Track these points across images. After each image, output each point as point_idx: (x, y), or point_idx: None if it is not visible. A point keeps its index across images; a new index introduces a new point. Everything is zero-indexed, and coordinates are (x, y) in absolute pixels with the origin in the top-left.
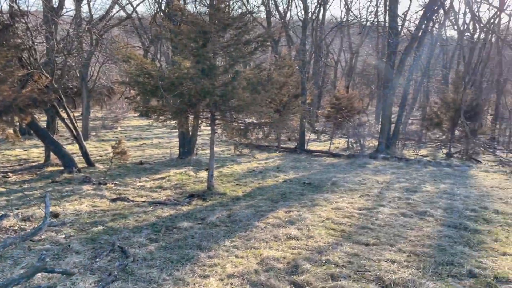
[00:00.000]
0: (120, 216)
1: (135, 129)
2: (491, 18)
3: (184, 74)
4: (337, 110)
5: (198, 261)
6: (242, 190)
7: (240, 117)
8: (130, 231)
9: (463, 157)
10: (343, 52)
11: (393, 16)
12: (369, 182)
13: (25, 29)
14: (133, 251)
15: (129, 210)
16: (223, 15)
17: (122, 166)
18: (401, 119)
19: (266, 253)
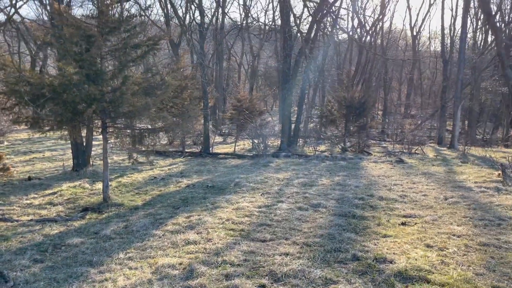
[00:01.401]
0: (1, 238)
1: (24, 142)
2: (374, 23)
3: (67, 80)
4: (239, 112)
5: (87, 278)
6: (141, 199)
7: (135, 123)
8: (12, 254)
9: (356, 150)
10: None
11: (286, 20)
12: (271, 180)
13: None
14: (14, 275)
15: (12, 231)
16: (108, 18)
17: (7, 184)
18: (300, 118)
19: (162, 261)
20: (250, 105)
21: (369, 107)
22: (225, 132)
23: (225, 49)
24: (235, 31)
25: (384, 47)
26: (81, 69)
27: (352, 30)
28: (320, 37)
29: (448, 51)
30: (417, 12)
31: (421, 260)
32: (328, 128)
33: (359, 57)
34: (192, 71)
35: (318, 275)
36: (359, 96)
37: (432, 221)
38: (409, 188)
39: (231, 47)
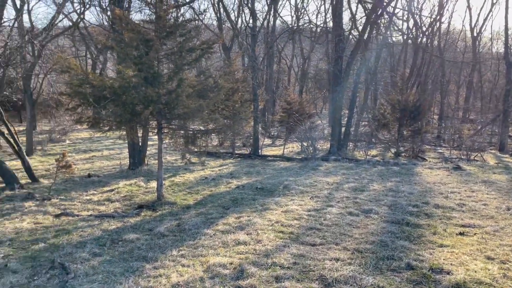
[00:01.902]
0: (63, 232)
1: (85, 141)
2: (431, 23)
3: (127, 82)
4: (289, 115)
5: (143, 272)
6: (193, 199)
7: (188, 124)
8: (73, 247)
9: (410, 156)
10: (295, 57)
11: (338, 22)
12: (320, 184)
13: None
14: (74, 267)
15: (73, 225)
16: (165, 23)
17: (69, 180)
18: (351, 122)
19: (213, 260)
20: (299, 107)
21: (424, 111)
22: (274, 135)
23: (276, 52)
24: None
25: (441, 48)
26: (140, 72)
27: (408, 31)
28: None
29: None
30: (478, 12)
31: (481, 273)
32: (380, 132)
33: (414, 58)
34: (243, 74)
35: (370, 282)
36: (413, 99)
37: (493, 232)
38: (467, 196)
39: (282, 49)
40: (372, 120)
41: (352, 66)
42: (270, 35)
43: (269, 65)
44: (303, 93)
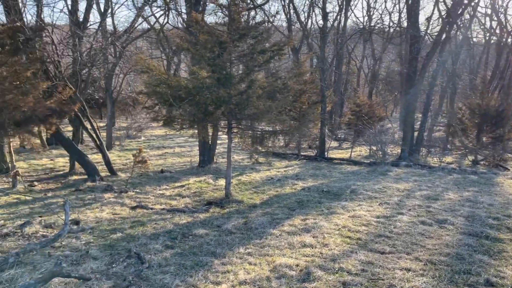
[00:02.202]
0: (138, 223)
1: (158, 138)
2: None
3: (201, 83)
4: (358, 117)
5: (212, 267)
6: (259, 198)
7: (256, 125)
8: (147, 238)
9: (490, 164)
10: (365, 58)
11: (414, 21)
12: (390, 190)
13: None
14: (149, 258)
15: (148, 218)
16: (238, 25)
17: (143, 175)
18: (425, 126)
19: (279, 260)
20: (369, 110)
21: (507, 117)
22: (341, 137)
23: (345, 53)
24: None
25: None
26: (213, 73)
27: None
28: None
29: None
30: None
31: None
32: (457, 138)
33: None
34: (311, 75)
35: None
36: (495, 103)
37: None
38: None
39: (352, 50)
40: (449, 125)
41: (428, 68)
42: (340, 36)
43: (338, 66)
44: (373, 95)
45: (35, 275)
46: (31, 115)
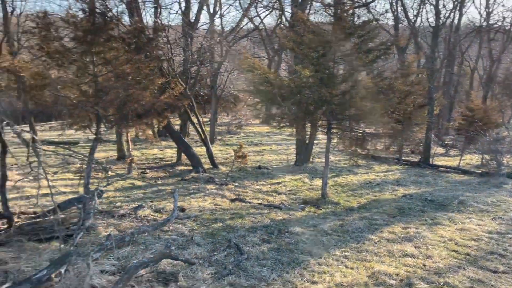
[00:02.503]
0: (237, 216)
1: (257, 135)
2: None
3: (303, 82)
4: (470, 123)
5: (307, 266)
6: (356, 202)
7: (357, 126)
8: (245, 230)
9: None
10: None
11: None
12: (505, 204)
13: (165, 42)
14: (247, 249)
15: (246, 211)
16: (345, 24)
17: (242, 169)
18: None
19: (378, 267)
20: (484, 115)
21: None
22: (448, 143)
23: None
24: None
25: None
26: (317, 72)
27: None
28: None
29: None
30: None
31: None
32: None
33: None
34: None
35: None
36: None
37: None
38: None
39: (465, 50)
40: None
41: None
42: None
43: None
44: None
45: (147, 254)
46: (150, 109)
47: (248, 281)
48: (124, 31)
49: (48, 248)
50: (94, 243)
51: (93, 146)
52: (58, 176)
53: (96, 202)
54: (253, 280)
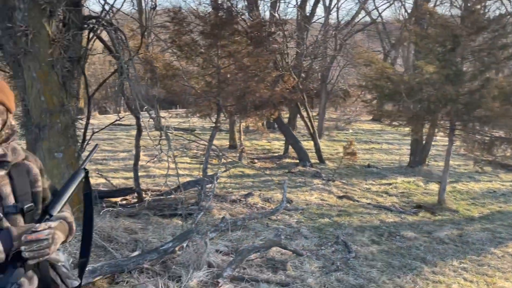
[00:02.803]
0: (345, 213)
1: (366, 132)
2: None
3: (426, 79)
4: None
5: (421, 273)
6: (478, 211)
7: (484, 129)
8: (353, 229)
9: None
10: None
11: None
12: None
13: (282, 35)
14: (355, 248)
15: (353, 209)
16: (477, 17)
17: (350, 167)
18: None
19: (501, 283)
20: None
21: None
22: None
23: None
24: None
25: None
26: (442, 68)
27: None
28: None
29: None
30: None
31: None
32: None
33: None
34: None
35: None
36: None
37: None
38: None
39: None
40: None
41: None
42: None
43: None
44: None
45: (257, 240)
46: (268, 101)
47: (357, 280)
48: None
49: (171, 224)
50: (209, 223)
51: (212, 133)
52: (178, 159)
53: (215, 186)
54: (361, 279)
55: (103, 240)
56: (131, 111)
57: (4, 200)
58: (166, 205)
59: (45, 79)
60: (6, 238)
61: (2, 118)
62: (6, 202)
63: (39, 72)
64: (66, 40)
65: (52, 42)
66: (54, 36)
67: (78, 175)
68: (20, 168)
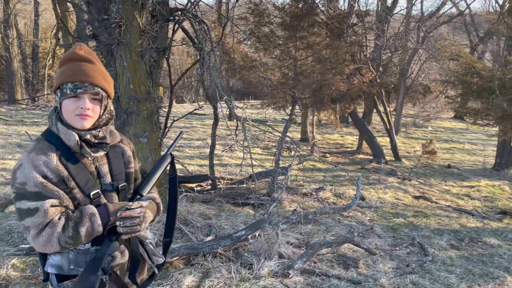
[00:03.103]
0: (421, 214)
1: (447, 130)
2: None
3: None
4: None
5: (504, 283)
6: None
7: None
8: (430, 231)
9: None
10: None
11: None
12: None
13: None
14: (432, 251)
15: (431, 211)
16: None
17: (428, 166)
18: None
19: None
20: None
21: None
22: None
23: None
24: None
25: None
26: None
27: None
28: None
29: None
30: None
31: None
32: None
33: None
34: None
35: None
36: None
37: None
38: None
39: None
40: None
41: None
42: None
43: None
44: None
45: (328, 235)
46: (345, 94)
47: (433, 284)
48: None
49: (242, 212)
50: (280, 215)
51: (286, 125)
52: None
53: (288, 178)
54: (438, 284)
55: (180, 223)
56: (209, 100)
57: (102, 178)
58: (239, 194)
59: (135, 68)
60: (104, 213)
61: (104, 103)
62: (104, 180)
63: (130, 62)
64: (154, 31)
65: (142, 33)
66: (144, 27)
67: (165, 159)
68: (116, 149)
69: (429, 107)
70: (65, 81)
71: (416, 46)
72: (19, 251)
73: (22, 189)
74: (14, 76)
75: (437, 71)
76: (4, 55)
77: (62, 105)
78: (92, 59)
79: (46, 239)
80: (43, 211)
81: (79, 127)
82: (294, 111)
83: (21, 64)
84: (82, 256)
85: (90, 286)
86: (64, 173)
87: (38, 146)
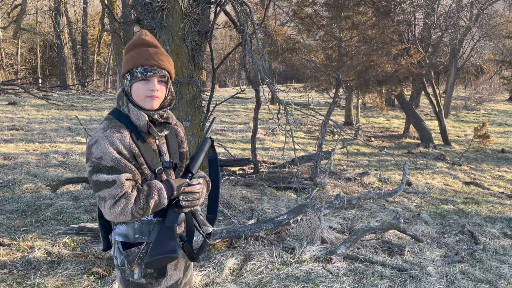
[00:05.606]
0: (472, 201)
1: (501, 113)
2: None
3: None
4: None
5: None
6: None
7: None
8: (481, 219)
9: None
10: None
11: None
12: None
13: (411, 5)
14: (483, 240)
15: (482, 197)
16: None
17: (480, 151)
18: None
19: None
20: None
21: None
22: None
23: None
24: None
25: None
26: None
27: None
28: None
29: None
30: None
31: None
32: None
33: None
34: None
35: None
36: None
37: None
38: None
39: None
40: None
41: None
42: None
43: None
44: None
45: (372, 221)
46: (392, 76)
47: (484, 274)
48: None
49: (284, 196)
50: (323, 199)
51: (330, 109)
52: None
53: (332, 162)
54: (489, 274)
55: (223, 206)
56: (251, 84)
57: (162, 156)
58: (281, 178)
59: (177, 52)
60: (169, 188)
61: (169, 85)
62: (164, 158)
63: (172, 45)
64: (196, 14)
65: (184, 17)
66: (185, 11)
67: (206, 142)
68: (172, 130)
69: (482, 88)
70: (135, 65)
71: (469, 24)
72: (69, 230)
73: (98, 163)
74: (65, 62)
75: (492, 51)
76: (56, 42)
77: (132, 88)
78: (157, 44)
79: (121, 209)
80: (120, 184)
81: (148, 108)
82: (338, 94)
83: (71, 51)
84: (146, 226)
85: (171, 250)
86: (135, 150)
87: (112, 124)
